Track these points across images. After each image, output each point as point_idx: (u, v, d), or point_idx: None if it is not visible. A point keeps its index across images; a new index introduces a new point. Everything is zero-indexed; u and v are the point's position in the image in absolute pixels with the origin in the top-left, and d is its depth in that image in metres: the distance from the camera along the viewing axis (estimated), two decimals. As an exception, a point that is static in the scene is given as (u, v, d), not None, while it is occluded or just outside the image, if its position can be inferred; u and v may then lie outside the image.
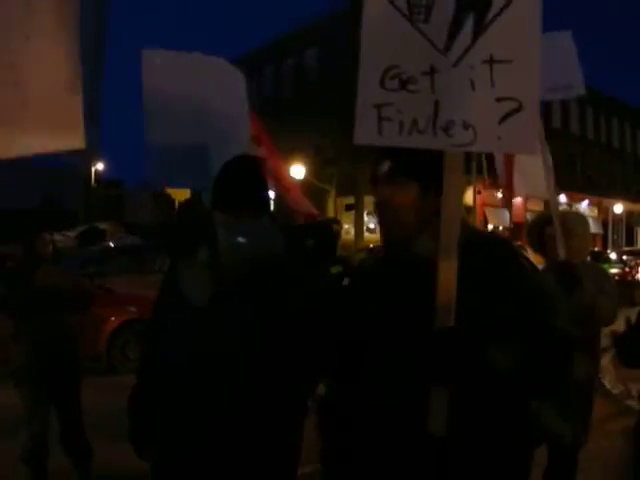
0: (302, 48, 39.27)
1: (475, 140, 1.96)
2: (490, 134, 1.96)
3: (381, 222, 2.25)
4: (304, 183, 29.25)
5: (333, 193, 34.04)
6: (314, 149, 31.73)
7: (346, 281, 2.80)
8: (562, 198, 42.46)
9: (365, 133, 2.07)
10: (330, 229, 2.64)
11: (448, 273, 2.00)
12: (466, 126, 1.96)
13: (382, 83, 2.03)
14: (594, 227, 47.14)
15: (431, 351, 1.96)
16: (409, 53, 2.02)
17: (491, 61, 1.95)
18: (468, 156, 2.16)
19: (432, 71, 1.99)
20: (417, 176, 2.14)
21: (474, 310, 1.98)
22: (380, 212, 2.24)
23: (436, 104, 1.99)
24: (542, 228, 4.29)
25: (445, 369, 1.95)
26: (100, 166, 43.84)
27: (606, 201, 46.84)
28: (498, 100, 1.94)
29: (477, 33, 1.96)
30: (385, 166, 2.20)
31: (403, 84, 2.02)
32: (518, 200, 35.24)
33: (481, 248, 2.11)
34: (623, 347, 3.45)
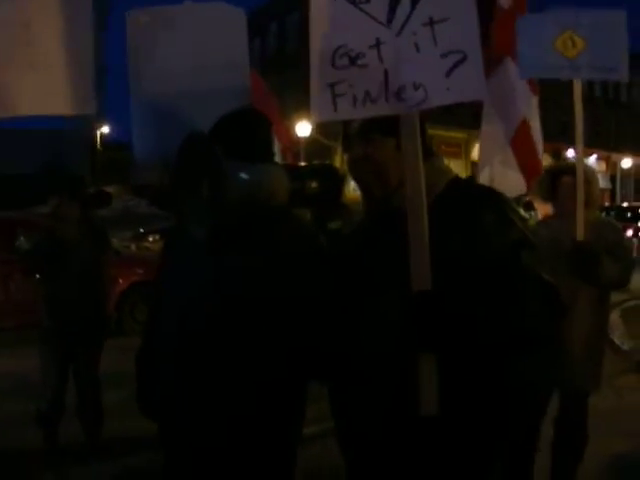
0: (307, 3, 38.79)
1: (426, 97, 2.04)
2: (439, 88, 2.05)
3: (359, 181, 2.30)
4: (310, 140, 29.14)
5: (339, 150, 33.92)
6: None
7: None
8: (570, 153, 42.22)
9: (321, 111, 2.21)
10: (335, 171, 2.57)
11: (419, 238, 2.01)
12: (416, 87, 2.05)
13: (332, 63, 2.14)
14: (602, 182, 46.92)
15: (412, 317, 1.95)
16: (355, 32, 2.13)
17: (431, 22, 2.05)
18: (476, 110, 2.23)
19: (378, 43, 2.10)
20: (392, 131, 2.15)
21: (455, 259, 1.99)
22: (358, 171, 2.28)
23: (385, 73, 2.09)
24: (557, 176, 4.23)
25: (429, 335, 1.94)
26: (105, 129, 43.65)
27: (614, 156, 46.54)
28: (442, 56, 2.04)
29: (415, 1, 2.07)
30: (357, 124, 2.26)
31: (352, 60, 2.12)
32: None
33: (462, 195, 2.15)
34: None
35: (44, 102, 2.85)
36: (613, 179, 47.95)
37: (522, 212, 2.22)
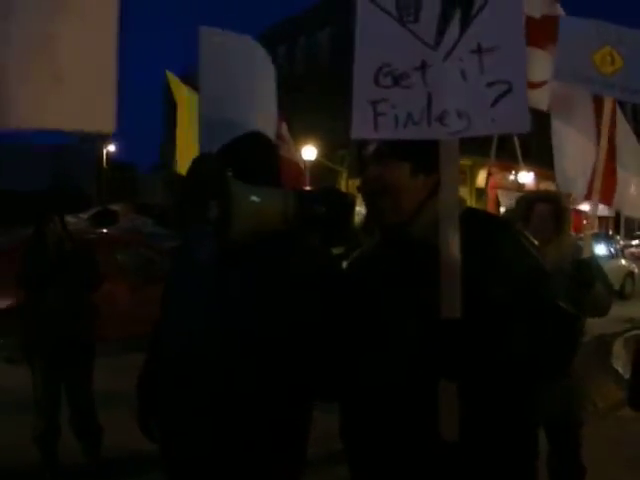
0: (315, 27, 39.03)
1: (469, 125, 2.00)
2: (483, 118, 2.01)
3: (371, 204, 2.26)
4: (315, 164, 29.19)
5: (345, 175, 33.96)
6: (326, 130, 31.63)
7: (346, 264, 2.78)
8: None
9: (361, 128, 2.14)
10: (345, 196, 2.55)
11: (450, 263, 1.98)
12: (459, 114, 2.01)
13: (376, 81, 2.09)
14: (606, 210, 46.57)
15: (438, 344, 1.93)
16: (401, 51, 2.08)
17: (479, 50, 2.01)
18: (482, 138, 2.19)
19: (423, 66, 2.06)
20: (408, 156, 2.15)
21: (473, 288, 1.95)
22: (370, 194, 2.24)
23: (429, 97, 2.04)
24: (532, 204, 4.23)
25: (454, 364, 1.92)
26: (112, 148, 43.79)
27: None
28: (488, 85, 2.00)
29: (464, 26, 2.03)
30: (373, 147, 2.23)
31: (396, 80, 2.07)
32: (530, 182, 35.07)
33: (476, 225, 2.11)
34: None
35: (61, 117, 2.82)
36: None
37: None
